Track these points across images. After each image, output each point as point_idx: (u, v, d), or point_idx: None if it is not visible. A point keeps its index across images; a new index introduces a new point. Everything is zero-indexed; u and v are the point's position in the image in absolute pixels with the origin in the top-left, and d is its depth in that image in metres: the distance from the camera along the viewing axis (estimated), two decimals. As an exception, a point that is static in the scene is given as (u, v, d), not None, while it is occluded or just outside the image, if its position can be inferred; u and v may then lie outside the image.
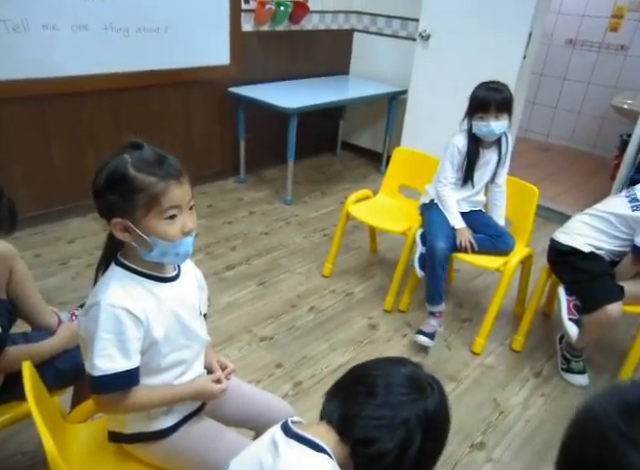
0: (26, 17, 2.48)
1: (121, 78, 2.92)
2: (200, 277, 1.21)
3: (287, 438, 0.84)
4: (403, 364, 0.92)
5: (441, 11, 3.34)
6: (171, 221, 0.99)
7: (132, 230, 0.97)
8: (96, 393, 1.02)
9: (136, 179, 0.95)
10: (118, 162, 0.97)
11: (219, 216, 3.23)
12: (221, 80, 3.43)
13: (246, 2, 3.34)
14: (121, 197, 0.96)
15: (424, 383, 0.88)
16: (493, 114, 2.09)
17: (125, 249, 1.04)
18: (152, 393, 1.06)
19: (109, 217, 0.98)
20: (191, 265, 1.19)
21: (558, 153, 4.92)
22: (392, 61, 4.02)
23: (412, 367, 0.91)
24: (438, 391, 0.88)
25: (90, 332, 0.98)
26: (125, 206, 0.96)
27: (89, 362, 0.98)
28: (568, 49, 4.85)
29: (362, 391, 0.86)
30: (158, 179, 0.96)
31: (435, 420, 0.85)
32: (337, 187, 3.84)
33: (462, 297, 2.63)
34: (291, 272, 2.71)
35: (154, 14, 2.93)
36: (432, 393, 0.86)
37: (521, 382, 2.09)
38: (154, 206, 0.96)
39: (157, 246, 0.99)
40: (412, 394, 0.85)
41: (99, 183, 0.97)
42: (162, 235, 0.98)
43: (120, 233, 0.98)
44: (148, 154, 0.98)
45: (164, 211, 0.97)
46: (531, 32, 3.06)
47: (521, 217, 2.35)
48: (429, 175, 2.41)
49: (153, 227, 0.97)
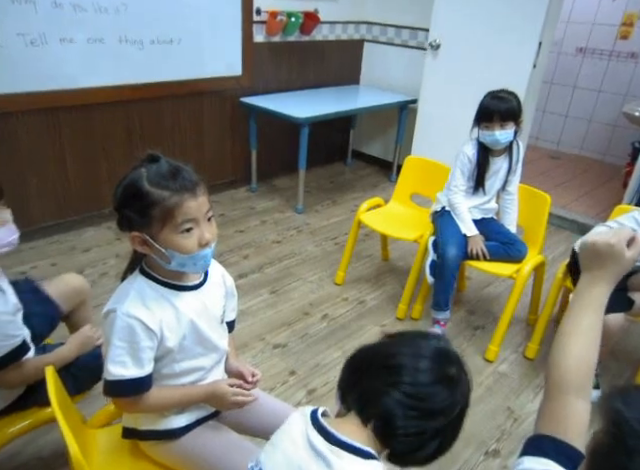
0: (44, 31, 2.55)
1: (135, 89, 2.98)
2: (230, 284, 1.22)
3: (331, 446, 0.78)
4: (426, 340, 0.86)
5: (451, 21, 3.37)
6: (187, 234, 0.99)
7: (150, 243, 0.99)
8: (109, 396, 1.06)
9: (150, 194, 0.96)
10: (134, 176, 0.98)
11: (231, 225, 3.25)
12: (233, 90, 3.48)
13: (258, 14, 3.40)
14: (137, 212, 0.97)
15: (453, 362, 0.83)
16: (498, 123, 2.11)
17: (148, 257, 1.06)
18: (165, 393, 1.08)
19: (127, 231, 1.00)
20: (220, 273, 1.20)
21: (569, 161, 4.91)
22: (402, 70, 4.05)
23: (437, 344, 0.85)
24: (464, 371, 0.85)
25: (107, 336, 1.02)
26: (141, 220, 0.97)
27: (105, 366, 1.02)
28: (578, 57, 4.85)
29: (389, 380, 0.80)
30: (172, 193, 0.96)
31: (466, 403, 0.83)
32: (348, 196, 3.86)
33: (474, 304, 2.63)
34: (303, 280, 2.72)
35: (168, 26, 2.99)
36: (461, 375, 0.83)
37: (535, 389, 2.07)
38: (169, 220, 0.96)
39: (175, 258, 1.00)
40: (444, 381, 0.80)
41: (117, 198, 0.99)
42: (179, 248, 0.99)
43: (139, 246, 1.00)
44: (163, 167, 0.99)
45: (179, 225, 0.97)
46: (541, 41, 3.07)
47: (533, 225, 2.35)
48: (440, 183, 2.42)
49: (170, 241, 0.98)
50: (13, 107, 2.56)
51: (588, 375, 0.79)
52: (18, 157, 2.69)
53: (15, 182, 2.70)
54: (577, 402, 0.76)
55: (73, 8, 2.60)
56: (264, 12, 3.41)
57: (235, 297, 1.24)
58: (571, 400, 0.77)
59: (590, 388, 0.79)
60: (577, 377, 0.78)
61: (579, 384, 0.78)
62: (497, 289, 2.76)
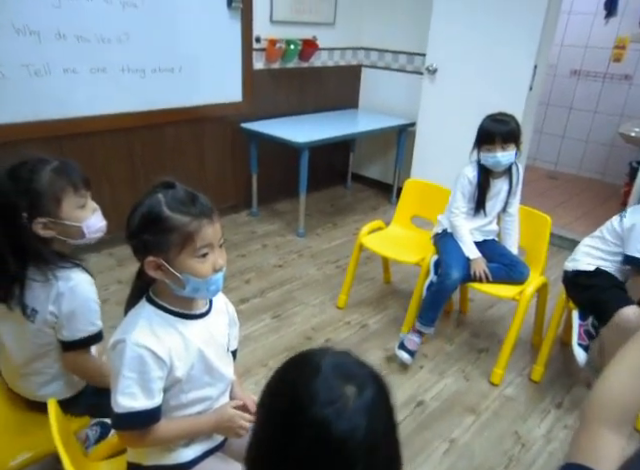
0: (47, 62, 2.59)
1: (137, 117, 3.01)
2: (232, 312, 1.22)
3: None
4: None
5: (447, 46, 3.43)
6: (203, 259, 1.00)
7: (165, 268, 0.99)
8: (118, 429, 1.04)
9: (170, 219, 0.97)
10: (152, 202, 0.99)
11: (233, 249, 3.25)
12: (233, 116, 3.52)
13: (257, 41, 3.47)
14: (156, 236, 0.97)
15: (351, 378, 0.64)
16: (499, 145, 2.13)
17: (156, 286, 1.06)
18: (172, 425, 1.07)
19: (143, 256, 1.00)
20: (223, 300, 1.20)
21: (567, 181, 4.94)
22: (400, 94, 4.11)
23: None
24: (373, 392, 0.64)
25: (116, 368, 1.00)
26: (159, 245, 0.98)
27: (113, 398, 1.00)
28: (573, 79, 4.92)
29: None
30: (192, 218, 0.97)
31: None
32: (348, 219, 3.87)
33: (478, 327, 2.61)
34: (305, 304, 2.71)
35: (169, 55, 3.05)
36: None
37: (542, 414, 2.04)
38: (188, 245, 0.98)
39: (189, 283, 1.00)
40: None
41: (133, 223, 0.99)
42: (194, 273, 1.00)
43: (153, 271, 1.00)
44: (181, 193, 1.00)
45: (197, 250, 0.99)
46: (536, 64, 3.13)
47: (535, 246, 2.35)
48: (441, 205, 2.44)
49: (186, 265, 0.99)
50: (16, 136, 2.59)
51: (630, 412, 0.75)
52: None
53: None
54: (613, 436, 0.73)
55: (77, 39, 2.65)
56: (264, 40, 3.48)
57: (237, 325, 1.24)
58: (606, 433, 0.73)
59: (630, 426, 0.75)
60: (617, 411, 0.75)
61: (618, 419, 0.74)
62: (500, 311, 2.74)
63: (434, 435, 1.91)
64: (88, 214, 1.28)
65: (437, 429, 1.94)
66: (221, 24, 3.24)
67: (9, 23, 2.42)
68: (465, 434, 1.92)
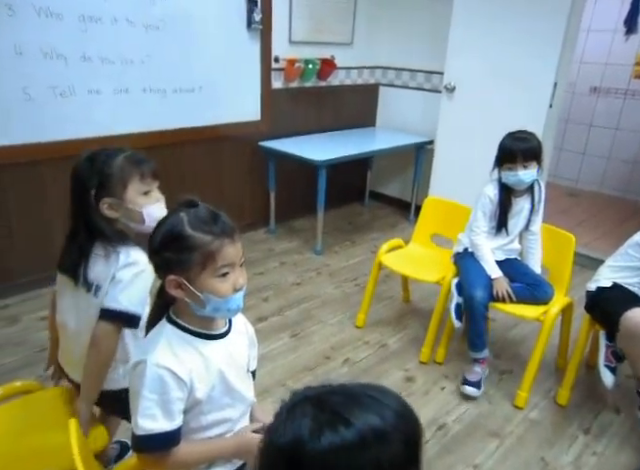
0: (73, 83, 2.66)
1: (158, 136, 3.06)
2: (251, 332, 1.21)
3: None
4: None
5: (465, 64, 3.43)
6: (224, 278, 1.00)
7: (186, 287, 0.99)
8: (137, 451, 1.02)
9: (192, 237, 0.97)
10: (175, 220, 0.99)
11: (250, 267, 3.25)
12: (252, 135, 3.55)
13: (276, 61, 3.51)
14: (177, 255, 0.97)
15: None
16: (521, 164, 2.11)
17: (177, 305, 1.05)
18: (192, 449, 1.05)
19: (164, 274, 1.00)
20: (243, 321, 1.19)
21: (589, 198, 4.86)
22: (417, 112, 4.11)
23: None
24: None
25: (136, 389, 0.99)
26: (181, 264, 0.97)
27: (133, 420, 0.99)
28: (593, 96, 4.89)
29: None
30: (214, 237, 0.97)
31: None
32: (366, 236, 3.85)
33: (500, 347, 2.55)
34: (324, 323, 2.68)
35: (189, 75, 3.10)
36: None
37: (570, 439, 1.97)
38: (209, 264, 0.97)
39: (210, 302, 1.00)
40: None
41: (156, 241, 1.00)
42: (215, 292, 0.99)
43: (174, 290, 1.00)
44: (203, 212, 1.00)
45: (218, 269, 0.98)
46: (556, 82, 3.11)
47: (558, 265, 2.30)
48: (461, 224, 2.41)
49: (207, 284, 0.99)
50: (42, 155, 2.64)
51: None
52: (44, 205, 2.75)
53: (43, 229, 2.75)
54: None
55: (101, 61, 2.72)
56: (282, 60, 3.53)
57: (256, 346, 1.23)
58: None
59: None
60: None
61: None
62: (523, 331, 2.68)
63: (457, 460, 1.85)
64: (151, 201, 1.34)
65: (460, 454, 1.88)
66: (241, 45, 3.30)
67: (37, 48, 2.49)
68: (489, 460, 1.86)
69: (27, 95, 2.53)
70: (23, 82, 2.49)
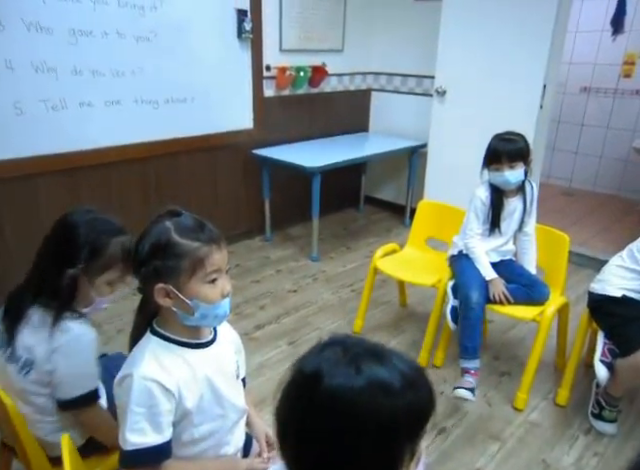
0: (64, 96, 2.65)
1: (151, 147, 3.06)
2: (237, 338, 1.21)
3: None
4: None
5: (455, 68, 3.45)
6: (213, 284, 1.01)
7: (174, 295, 0.99)
8: (126, 467, 1.01)
9: (181, 244, 0.97)
10: (161, 229, 0.99)
11: (247, 275, 3.25)
12: (245, 143, 3.56)
13: (267, 70, 3.52)
14: (166, 262, 0.97)
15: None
16: (507, 164, 2.11)
17: (161, 316, 1.05)
18: (184, 466, 1.04)
19: (152, 284, 0.99)
20: (228, 328, 1.19)
21: (583, 197, 4.88)
22: (410, 117, 4.13)
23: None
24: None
25: (123, 403, 0.98)
26: (170, 271, 0.97)
27: (121, 435, 0.98)
28: (583, 96, 4.91)
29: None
30: (202, 244, 0.98)
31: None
32: (362, 242, 3.85)
33: (498, 349, 2.55)
34: (321, 330, 2.67)
35: (181, 86, 3.11)
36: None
37: (570, 440, 1.97)
38: (199, 270, 0.98)
39: (198, 309, 1.00)
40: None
41: (142, 251, 0.99)
42: (204, 298, 1.00)
43: (162, 299, 1.00)
44: (188, 221, 1.01)
45: (207, 275, 0.99)
46: (545, 83, 3.12)
47: (553, 265, 2.30)
48: (455, 226, 2.41)
49: (196, 291, 0.99)
50: (34, 169, 2.63)
51: None
52: (37, 219, 2.74)
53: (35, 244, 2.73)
54: None
55: (92, 74, 2.72)
56: (274, 68, 3.54)
57: (242, 352, 1.22)
58: None
59: None
60: None
61: None
62: (520, 332, 2.68)
63: (458, 465, 1.84)
64: (110, 294, 1.31)
65: (461, 458, 1.87)
66: (232, 54, 3.31)
67: (28, 62, 2.49)
68: (490, 463, 1.85)
69: (18, 110, 2.52)
70: (14, 96, 2.49)
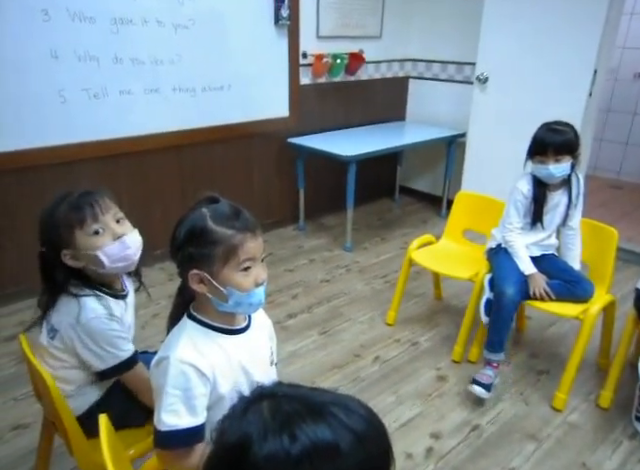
0: (105, 85, 2.70)
1: (188, 134, 3.09)
2: (270, 325, 1.21)
3: None
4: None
5: (498, 53, 3.32)
6: (246, 273, 1.01)
7: (208, 282, 0.99)
8: (160, 447, 1.02)
9: (215, 232, 0.97)
10: (197, 216, 1.00)
11: (279, 264, 3.25)
12: (281, 132, 3.54)
13: (304, 57, 3.49)
14: (200, 249, 0.98)
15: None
16: (552, 157, 2.00)
17: (197, 302, 1.06)
18: None
19: (187, 269, 1.00)
20: (262, 314, 1.19)
21: (632, 190, 4.65)
22: (448, 105, 4.01)
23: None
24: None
25: (159, 385, 1.00)
26: (204, 258, 0.98)
27: (157, 415, 1.00)
28: (637, 83, 4.66)
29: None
30: (236, 232, 0.98)
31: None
32: (397, 232, 3.79)
33: (536, 347, 2.46)
34: (353, 320, 2.65)
35: (218, 74, 3.11)
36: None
37: (613, 445, 1.88)
38: (232, 258, 0.98)
39: (232, 297, 1.00)
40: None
41: (179, 237, 1.00)
42: (237, 286, 1.00)
43: (196, 285, 1.01)
44: (225, 208, 1.01)
45: (241, 263, 0.99)
46: (596, 69, 2.97)
47: (599, 261, 2.19)
48: (494, 219, 2.33)
49: (229, 278, 0.99)
50: (75, 156, 2.70)
51: None
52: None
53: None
54: None
55: (132, 62, 2.75)
56: (310, 55, 3.50)
57: (274, 339, 1.23)
58: None
59: None
60: None
61: None
62: (561, 329, 2.57)
63: (492, 463, 1.79)
64: (105, 240, 1.25)
65: (495, 457, 1.82)
66: (268, 41, 3.29)
67: (72, 51, 2.54)
68: (526, 463, 1.79)
69: (62, 98, 2.58)
70: (59, 85, 2.55)
